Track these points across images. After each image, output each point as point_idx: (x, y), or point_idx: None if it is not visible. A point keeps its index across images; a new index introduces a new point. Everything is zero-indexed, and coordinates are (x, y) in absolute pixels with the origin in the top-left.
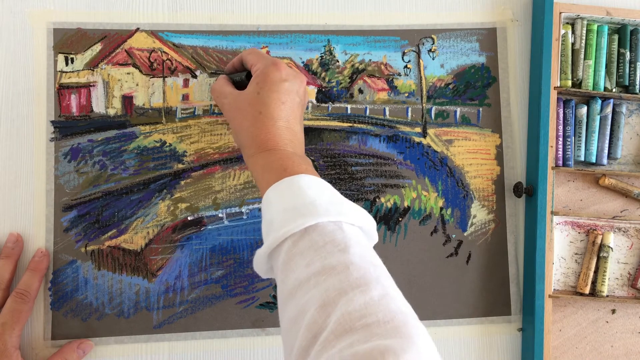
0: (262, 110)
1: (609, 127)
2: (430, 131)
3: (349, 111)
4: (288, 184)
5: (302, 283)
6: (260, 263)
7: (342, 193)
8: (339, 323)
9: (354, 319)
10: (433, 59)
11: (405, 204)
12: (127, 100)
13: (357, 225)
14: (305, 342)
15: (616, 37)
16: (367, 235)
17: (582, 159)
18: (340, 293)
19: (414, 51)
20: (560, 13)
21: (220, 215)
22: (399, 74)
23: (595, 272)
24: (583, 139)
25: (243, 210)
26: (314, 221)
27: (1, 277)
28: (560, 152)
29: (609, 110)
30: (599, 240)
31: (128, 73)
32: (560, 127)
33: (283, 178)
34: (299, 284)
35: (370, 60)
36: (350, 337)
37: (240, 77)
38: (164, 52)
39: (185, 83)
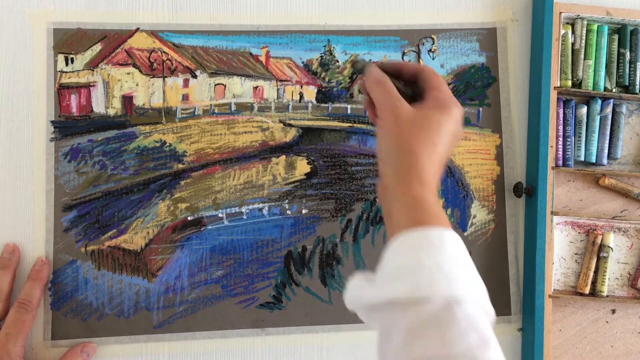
0: (439, 143)
1: (609, 127)
2: None
3: (349, 111)
4: (437, 238)
5: None
6: (358, 298)
7: (342, 193)
8: None
9: None
10: (433, 59)
11: None
12: (127, 100)
13: (490, 314)
14: None
15: (616, 37)
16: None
17: (582, 159)
18: None
19: (414, 51)
20: (560, 13)
21: (220, 215)
22: None
23: (595, 272)
24: (583, 139)
25: (243, 210)
26: (459, 295)
27: (0, 289)
28: (560, 152)
29: (609, 110)
30: (599, 240)
31: (128, 73)
32: (560, 127)
33: (431, 225)
34: (427, 359)
35: (370, 60)
36: None
37: (404, 85)
38: (164, 52)
39: (185, 83)
